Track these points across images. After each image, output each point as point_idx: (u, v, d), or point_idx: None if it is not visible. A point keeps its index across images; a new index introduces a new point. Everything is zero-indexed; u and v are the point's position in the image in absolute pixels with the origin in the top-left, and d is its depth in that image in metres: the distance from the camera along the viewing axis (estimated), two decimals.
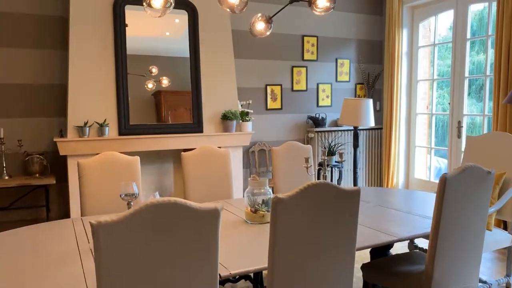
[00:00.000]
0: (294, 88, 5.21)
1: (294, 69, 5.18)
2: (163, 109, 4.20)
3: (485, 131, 4.67)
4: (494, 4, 4.32)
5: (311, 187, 1.47)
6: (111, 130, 3.93)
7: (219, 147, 3.06)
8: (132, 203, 1.94)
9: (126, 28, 4.00)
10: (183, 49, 4.26)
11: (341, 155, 2.57)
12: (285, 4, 2.51)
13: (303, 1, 2.35)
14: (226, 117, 4.28)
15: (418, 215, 2.32)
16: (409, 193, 3.13)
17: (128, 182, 1.94)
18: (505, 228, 3.42)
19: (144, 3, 2.10)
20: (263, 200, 2.17)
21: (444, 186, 1.83)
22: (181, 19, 4.26)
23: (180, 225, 1.22)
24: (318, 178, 5.03)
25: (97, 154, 2.60)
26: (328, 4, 2.30)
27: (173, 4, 2.12)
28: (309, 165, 2.36)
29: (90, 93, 3.86)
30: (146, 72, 4.13)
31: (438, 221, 1.87)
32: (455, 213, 1.90)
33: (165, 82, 4.20)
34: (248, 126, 4.43)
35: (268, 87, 5.04)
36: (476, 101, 4.94)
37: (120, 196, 1.93)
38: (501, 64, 4.04)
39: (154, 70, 4.16)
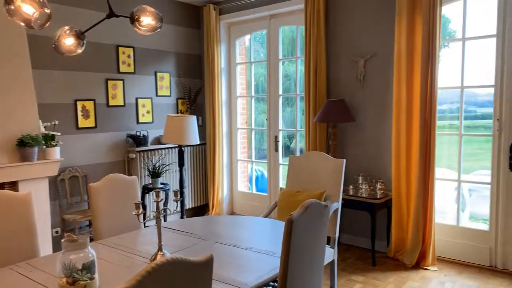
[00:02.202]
0: (110, 104, 4.66)
1: (109, 82, 4.63)
2: None
3: (298, 146, 5.06)
4: (302, 28, 4.70)
5: (154, 273, 1.13)
6: None
7: (12, 183, 2.38)
8: None
9: None
10: None
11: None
12: (102, 18, 2.09)
13: (124, 16, 1.98)
14: (24, 144, 3.47)
15: (260, 251, 2.22)
16: (240, 221, 3.04)
17: None
18: (327, 243, 3.67)
19: None
20: (83, 265, 1.71)
21: (291, 227, 1.74)
22: None
23: None
24: (144, 217, 4.60)
25: None
26: (153, 22, 1.98)
27: None
28: (140, 212, 2.00)
29: None
30: None
31: (287, 262, 1.78)
32: (301, 250, 1.85)
33: None
34: (55, 152, 3.70)
35: (78, 102, 4.36)
36: (295, 117, 5.32)
37: None
38: (310, 84, 4.41)
39: None
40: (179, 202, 4.73)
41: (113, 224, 2.65)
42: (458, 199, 4.06)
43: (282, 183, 5.17)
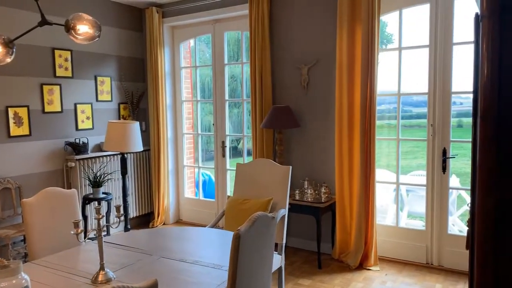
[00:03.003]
0: (46, 110, 4.39)
1: (45, 87, 4.37)
2: None
3: (245, 151, 5.07)
4: (247, 34, 4.71)
5: None
6: None
7: None
8: None
9: None
10: None
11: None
12: (34, 26, 1.95)
13: (59, 24, 1.86)
14: None
15: (207, 265, 2.19)
16: (186, 233, 2.98)
17: None
18: (275, 249, 3.70)
19: None
20: None
21: (238, 242, 1.73)
22: None
23: None
24: (85, 234, 4.38)
25: None
26: (91, 31, 1.88)
27: None
28: (79, 231, 1.89)
29: None
30: None
31: (234, 277, 1.76)
32: (249, 263, 1.85)
33: None
34: None
35: (9, 109, 4.07)
36: (241, 122, 5.32)
37: None
38: (256, 90, 4.43)
39: None
40: (122, 210, 4.56)
41: (51, 242, 2.49)
42: (397, 201, 4.26)
43: (229, 189, 5.16)
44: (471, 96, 3.87)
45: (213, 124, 5.17)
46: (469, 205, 1.97)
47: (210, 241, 2.71)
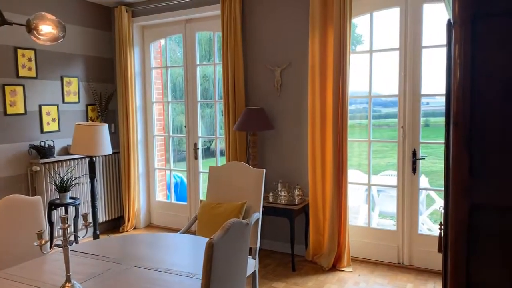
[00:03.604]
0: (9, 112, 4.19)
1: (7, 88, 4.17)
2: None
3: (218, 153, 5.01)
4: (219, 34, 4.65)
5: None
6: None
7: None
8: None
9: None
10: None
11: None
12: None
13: (20, 24, 1.76)
14: None
15: (180, 273, 2.12)
16: (157, 239, 2.91)
17: None
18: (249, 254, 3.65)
19: None
20: None
21: (212, 251, 1.68)
22: None
23: None
24: (51, 244, 4.21)
25: None
26: (54, 32, 1.79)
27: None
28: (43, 242, 1.79)
29: None
30: None
31: (208, 286, 1.71)
32: (223, 272, 1.80)
33: None
34: None
35: None
36: (214, 124, 5.25)
37: None
38: (229, 92, 4.38)
39: None
40: (90, 217, 4.40)
41: (14, 252, 2.37)
42: (369, 202, 4.31)
43: (202, 192, 5.08)
44: (437, 96, 3.96)
45: (185, 126, 5.09)
46: (442, 208, 2.00)
47: (183, 247, 2.64)
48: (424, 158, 3.82)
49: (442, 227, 2.04)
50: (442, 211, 2.11)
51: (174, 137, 5.53)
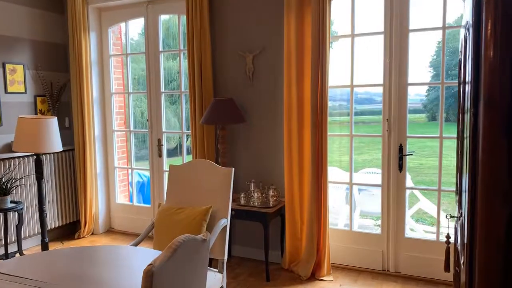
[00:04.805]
0: None
1: None
2: None
3: (185, 150, 4.53)
4: (184, 18, 4.16)
5: None
6: None
7: None
8: None
9: None
10: None
11: None
12: None
13: None
14: None
15: None
16: (98, 254, 2.40)
17: None
18: (211, 265, 3.16)
19: None
20: None
21: (151, 283, 1.22)
22: None
23: None
24: None
25: None
26: None
27: None
28: None
29: None
30: None
31: None
32: None
33: None
34: None
35: None
36: (180, 118, 4.75)
37: None
38: (195, 81, 3.90)
39: None
40: (38, 222, 3.86)
41: None
42: (351, 203, 3.92)
43: None
44: (416, 90, 3.59)
45: (147, 120, 4.57)
46: (449, 216, 1.61)
47: (131, 265, 2.16)
48: (411, 154, 3.46)
49: (449, 240, 1.65)
50: (448, 219, 1.72)
51: (136, 132, 5.00)
